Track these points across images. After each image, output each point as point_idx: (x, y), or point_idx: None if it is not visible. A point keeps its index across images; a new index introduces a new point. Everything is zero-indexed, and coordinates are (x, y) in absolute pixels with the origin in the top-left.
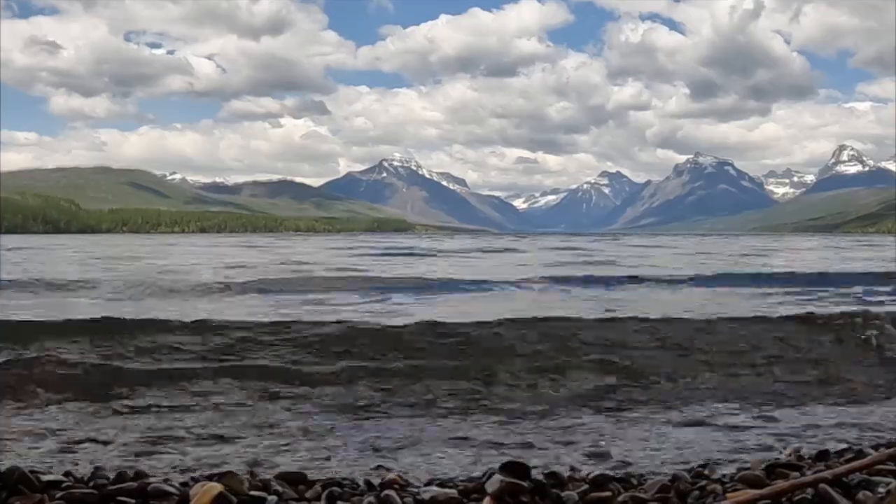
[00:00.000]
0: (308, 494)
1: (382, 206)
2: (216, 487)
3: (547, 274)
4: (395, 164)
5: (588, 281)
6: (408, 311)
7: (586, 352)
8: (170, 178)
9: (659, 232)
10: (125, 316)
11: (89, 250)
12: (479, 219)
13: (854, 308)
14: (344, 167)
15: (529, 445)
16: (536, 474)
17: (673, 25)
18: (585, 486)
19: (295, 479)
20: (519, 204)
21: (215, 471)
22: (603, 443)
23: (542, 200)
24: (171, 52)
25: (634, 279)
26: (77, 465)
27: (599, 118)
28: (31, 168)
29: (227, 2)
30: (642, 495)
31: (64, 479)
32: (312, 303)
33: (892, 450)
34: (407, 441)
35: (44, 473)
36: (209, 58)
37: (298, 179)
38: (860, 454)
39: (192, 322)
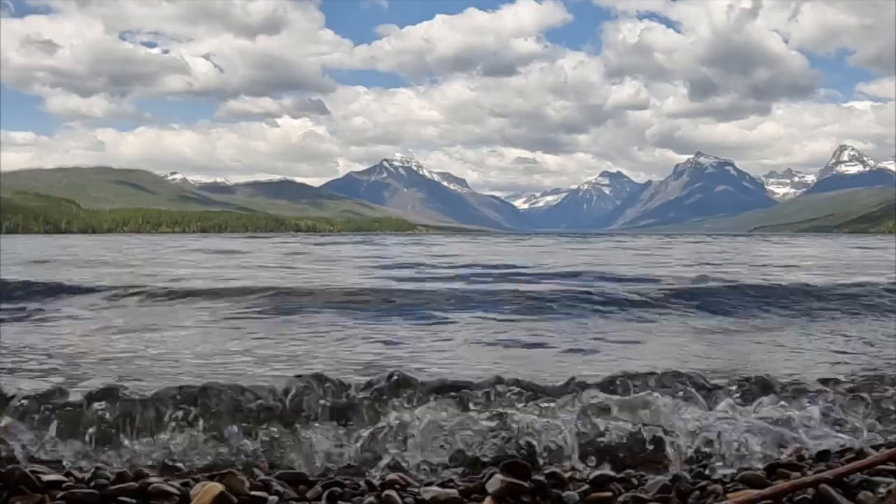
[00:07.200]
0: (309, 494)
1: (382, 206)
2: (217, 487)
3: None
4: (395, 163)
5: None
6: None
7: None
8: (170, 178)
9: (661, 232)
10: None
11: None
12: (479, 219)
13: None
14: (343, 167)
15: None
16: (537, 474)
17: (670, 24)
18: (586, 486)
19: (295, 479)
20: (519, 204)
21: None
22: None
23: (543, 200)
24: (166, 52)
25: None
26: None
27: (598, 117)
28: (30, 168)
29: (222, 0)
30: (643, 495)
31: (65, 479)
32: None
33: (892, 450)
34: None
35: (44, 473)
36: (206, 57)
37: (298, 179)
38: (861, 454)
39: None
